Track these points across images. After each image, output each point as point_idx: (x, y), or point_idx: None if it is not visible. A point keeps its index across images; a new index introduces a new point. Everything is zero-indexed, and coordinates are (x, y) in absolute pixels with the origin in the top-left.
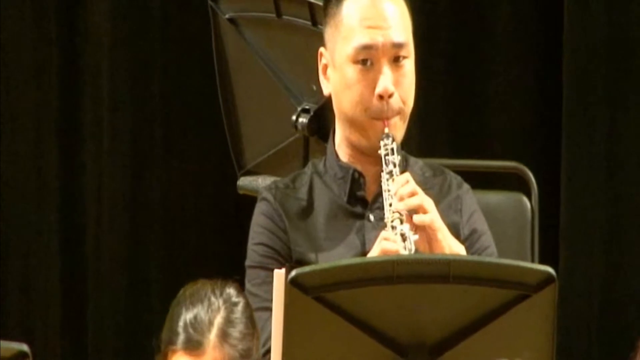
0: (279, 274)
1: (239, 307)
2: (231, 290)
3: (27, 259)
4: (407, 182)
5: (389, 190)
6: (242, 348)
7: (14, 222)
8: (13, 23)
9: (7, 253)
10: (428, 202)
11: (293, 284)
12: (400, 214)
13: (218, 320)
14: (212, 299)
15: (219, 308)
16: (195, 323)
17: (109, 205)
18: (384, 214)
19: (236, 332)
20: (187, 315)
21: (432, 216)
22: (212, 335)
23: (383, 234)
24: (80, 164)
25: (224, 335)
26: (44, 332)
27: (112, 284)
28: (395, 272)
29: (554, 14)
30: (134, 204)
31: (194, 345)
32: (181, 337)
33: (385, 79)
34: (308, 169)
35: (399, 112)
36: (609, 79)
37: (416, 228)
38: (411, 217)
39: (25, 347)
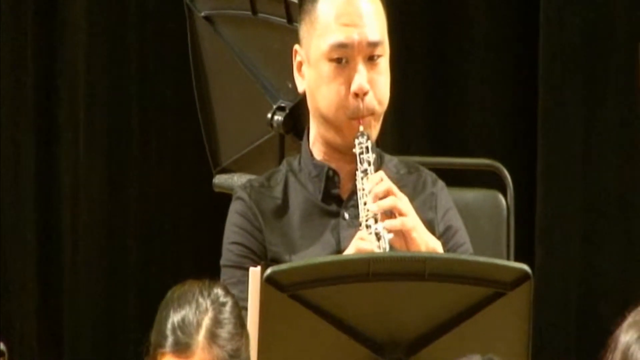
0: (255, 272)
1: (227, 307)
2: (219, 291)
3: (3, 255)
4: (382, 180)
5: (363, 189)
6: (231, 348)
7: None
8: None
9: None
10: (402, 202)
11: (269, 282)
12: (375, 213)
13: (206, 321)
14: (200, 300)
15: (206, 309)
16: (183, 325)
17: (86, 202)
18: (358, 212)
19: (225, 332)
20: (174, 318)
21: (402, 220)
22: (200, 337)
23: (358, 233)
24: (57, 161)
25: (212, 337)
26: (20, 330)
27: (88, 280)
28: (371, 269)
29: (531, 12)
30: (111, 200)
31: (182, 347)
32: (169, 340)
33: (361, 77)
34: (283, 167)
35: (374, 111)
36: (585, 77)
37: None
38: (386, 216)
39: (1, 346)
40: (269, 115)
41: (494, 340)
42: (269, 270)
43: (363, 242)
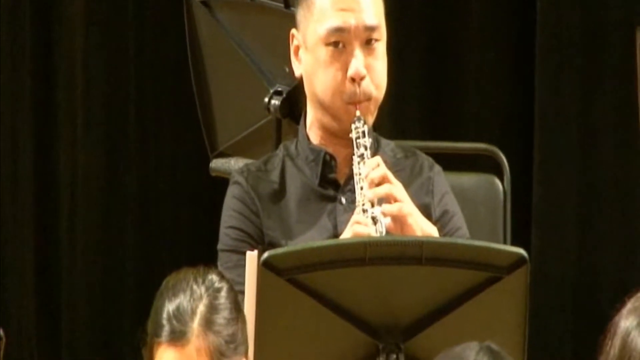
0: (252, 256)
1: (222, 293)
2: (213, 277)
3: (1, 249)
4: (378, 165)
5: (360, 174)
6: (227, 334)
7: None
8: None
9: None
10: (397, 189)
11: (265, 266)
12: (372, 199)
13: (201, 308)
14: (194, 287)
15: (201, 296)
16: (178, 314)
17: (84, 188)
18: (355, 197)
19: (220, 318)
20: (170, 307)
21: (399, 205)
22: (195, 324)
23: (355, 217)
24: (55, 147)
25: (207, 323)
26: (18, 317)
27: (87, 267)
28: (368, 254)
29: (528, 0)
30: (109, 186)
31: (177, 336)
32: (165, 329)
33: (357, 62)
34: (280, 151)
35: (371, 96)
36: (581, 65)
37: None
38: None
39: (0, 332)
40: (266, 100)
41: (490, 324)
42: (265, 255)
43: (360, 226)
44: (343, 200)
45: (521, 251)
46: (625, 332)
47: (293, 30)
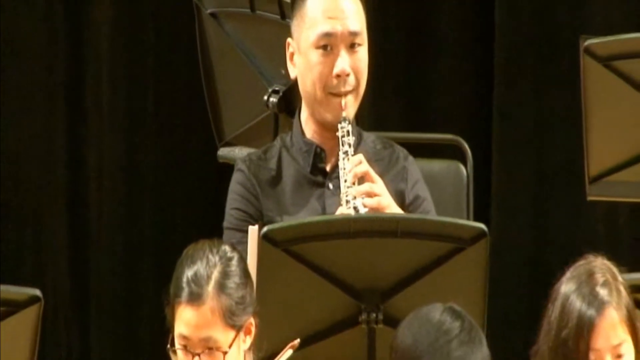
0: (253, 230)
1: (234, 261)
2: (226, 247)
3: (39, 218)
4: (360, 162)
5: (344, 168)
6: (237, 296)
7: (28, 187)
8: (26, 18)
9: (23, 213)
10: (376, 186)
11: (265, 239)
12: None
13: (215, 274)
14: (210, 256)
15: (215, 264)
16: (195, 278)
17: (109, 170)
18: (340, 183)
19: (231, 283)
20: (188, 272)
21: (378, 199)
22: (210, 288)
23: (339, 209)
24: (85, 136)
25: (220, 287)
26: (54, 281)
27: (111, 236)
28: (352, 228)
29: (489, 10)
30: (130, 169)
31: (195, 297)
32: (185, 291)
33: (343, 61)
34: (277, 142)
35: (353, 90)
36: (535, 65)
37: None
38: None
39: (38, 292)
40: (265, 97)
41: (456, 288)
42: (265, 229)
43: None
44: (330, 186)
45: (482, 226)
46: (564, 297)
47: (289, 39)
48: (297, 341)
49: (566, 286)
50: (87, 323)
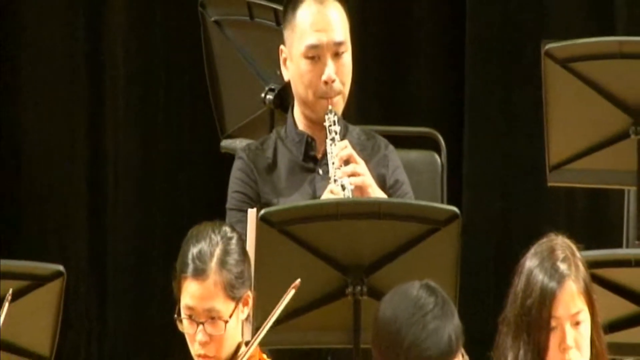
0: (252, 212)
1: (234, 241)
2: (227, 228)
3: (62, 201)
4: (345, 147)
5: (332, 152)
6: (237, 271)
7: (53, 173)
8: (48, 19)
9: (48, 197)
10: (360, 167)
11: (262, 220)
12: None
13: (217, 252)
14: (212, 236)
15: (217, 243)
16: (200, 255)
17: (124, 159)
18: (329, 170)
19: (231, 259)
20: (193, 250)
21: (362, 178)
22: (213, 264)
23: (329, 187)
24: (103, 128)
25: (222, 263)
26: (76, 256)
27: (126, 218)
28: (339, 211)
29: (460, 9)
30: (143, 158)
31: (199, 272)
32: (190, 267)
33: (329, 70)
34: (273, 134)
35: (339, 93)
36: (503, 61)
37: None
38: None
39: (61, 268)
40: (262, 95)
41: (431, 264)
42: (262, 211)
43: (332, 195)
44: (320, 171)
45: (454, 208)
46: (528, 271)
47: (281, 46)
48: (298, 281)
49: (530, 261)
50: (104, 296)
